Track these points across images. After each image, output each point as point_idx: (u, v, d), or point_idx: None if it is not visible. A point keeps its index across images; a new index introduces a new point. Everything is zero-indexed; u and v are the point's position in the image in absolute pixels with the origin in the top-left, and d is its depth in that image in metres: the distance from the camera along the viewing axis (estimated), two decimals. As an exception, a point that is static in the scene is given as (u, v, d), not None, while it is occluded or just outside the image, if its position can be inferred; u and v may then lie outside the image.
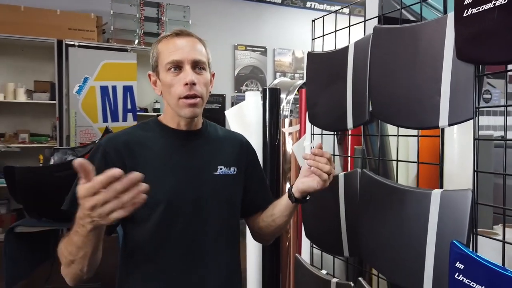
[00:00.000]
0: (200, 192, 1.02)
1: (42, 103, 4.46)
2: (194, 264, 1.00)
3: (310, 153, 1.01)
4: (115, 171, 0.68)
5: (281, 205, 1.09)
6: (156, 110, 5.03)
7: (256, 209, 1.18)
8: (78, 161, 0.67)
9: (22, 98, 4.41)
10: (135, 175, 0.69)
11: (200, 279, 1.01)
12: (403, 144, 1.36)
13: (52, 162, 3.38)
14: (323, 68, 1.30)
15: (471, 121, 0.84)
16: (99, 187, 0.67)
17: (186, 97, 0.98)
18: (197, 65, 1.00)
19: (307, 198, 1.05)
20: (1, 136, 4.40)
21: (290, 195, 1.05)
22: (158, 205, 0.98)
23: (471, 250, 0.83)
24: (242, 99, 2.03)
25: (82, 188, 0.68)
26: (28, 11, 4.33)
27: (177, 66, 0.99)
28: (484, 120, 2.36)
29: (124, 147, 0.99)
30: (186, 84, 0.97)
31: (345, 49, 1.19)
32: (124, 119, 4.55)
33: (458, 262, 0.83)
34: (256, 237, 1.22)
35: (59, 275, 0.93)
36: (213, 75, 1.10)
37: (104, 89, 4.46)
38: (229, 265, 1.08)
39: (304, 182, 1.01)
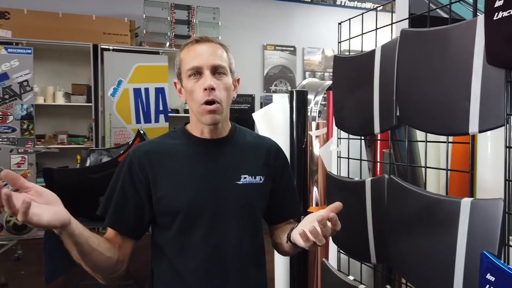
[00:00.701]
0: (220, 201, 1.02)
1: (79, 105, 4.65)
2: (213, 273, 1.01)
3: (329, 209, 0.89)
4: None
5: (286, 237, 1.04)
6: (187, 111, 5.11)
7: (280, 219, 1.17)
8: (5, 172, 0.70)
9: (60, 101, 4.62)
10: None
11: (220, 287, 1.01)
12: (434, 150, 1.33)
13: (88, 162, 3.52)
14: (350, 71, 1.29)
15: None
16: None
17: (206, 103, 0.98)
18: (216, 70, 1.00)
19: None
20: (41, 138, 4.62)
21: (288, 237, 1.00)
22: (178, 213, 1.00)
23: (502, 262, 0.80)
24: (271, 99, 2.03)
25: None
26: (65, 17, 4.52)
27: (197, 72, 1.00)
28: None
29: (146, 157, 1.02)
30: (205, 89, 0.98)
31: (372, 52, 1.17)
32: (156, 120, 4.67)
33: (488, 274, 0.81)
34: (274, 247, 1.20)
35: None
36: (237, 80, 1.10)
37: (137, 91, 4.59)
38: (252, 274, 1.07)
39: (297, 239, 0.93)
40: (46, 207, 0.74)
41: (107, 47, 4.52)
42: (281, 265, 1.91)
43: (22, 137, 4.22)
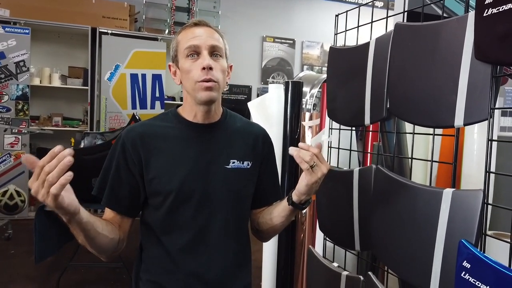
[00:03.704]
0: (210, 184, 1.05)
1: (75, 88, 4.63)
2: (199, 251, 1.04)
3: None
4: (56, 149, 0.74)
5: (281, 205, 1.08)
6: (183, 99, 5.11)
7: (262, 204, 1.18)
8: (24, 157, 0.75)
9: (56, 83, 4.59)
10: (58, 150, 0.74)
11: (204, 265, 1.05)
12: (422, 143, 1.36)
13: (82, 145, 3.53)
14: (344, 63, 1.31)
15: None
16: (40, 170, 0.73)
17: (203, 80, 1.00)
18: (214, 51, 1.02)
19: (304, 205, 1.03)
20: (36, 119, 4.60)
21: (288, 198, 1.04)
22: (169, 194, 1.02)
23: (479, 250, 0.83)
24: (267, 91, 2.05)
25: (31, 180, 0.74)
26: (65, -1, 4.49)
27: (195, 52, 1.01)
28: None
29: (139, 138, 1.04)
30: (204, 68, 0.99)
31: (366, 45, 1.20)
32: (152, 107, 4.67)
33: (465, 261, 0.84)
34: (253, 231, 1.22)
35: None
36: (230, 67, 1.11)
37: (134, 77, 4.58)
38: (236, 255, 1.10)
39: (299, 183, 1.00)
40: (65, 192, 0.76)
41: (105, 31, 4.49)
42: (268, 254, 1.94)
43: (16, 117, 4.21)
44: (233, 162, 1.08)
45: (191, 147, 1.06)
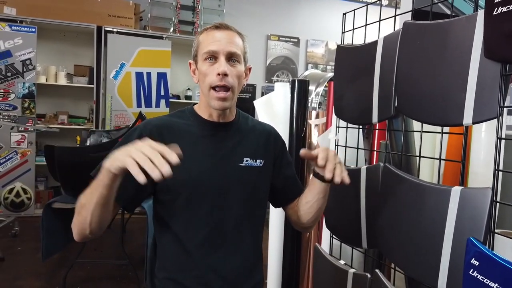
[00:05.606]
0: (224, 181, 1.07)
1: (81, 86, 4.66)
2: (216, 247, 1.07)
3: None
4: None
5: (315, 189, 1.10)
6: (188, 97, 5.13)
7: (291, 198, 1.22)
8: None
9: (62, 81, 4.62)
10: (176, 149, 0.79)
11: (221, 261, 1.07)
12: (429, 141, 1.36)
13: (88, 143, 3.55)
14: (352, 61, 1.31)
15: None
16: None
17: (217, 86, 1.03)
18: (231, 57, 1.06)
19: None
20: (42, 117, 4.63)
21: (324, 179, 1.06)
22: (184, 190, 1.05)
23: (487, 248, 0.84)
24: (272, 89, 2.06)
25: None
26: (70, -3, 4.51)
27: (213, 57, 1.05)
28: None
29: (157, 133, 1.06)
30: (219, 74, 1.02)
31: (374, 43, 1.20)
32: (157, 105, 4.69)
33: (473, 259, 0.84)
34: (296, 225, 1.24)
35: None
36: (249, 69, 1.15)
37: (139, 75, 4.59)
38: (251, 251, 1.13)
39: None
40: None
41: (111, 29, 4.51)
42: (274, 252, 1.95)
43: (23, 115, 4.24)
44: (246, 160, 1.11)
45: (207, 145, 1.09)
